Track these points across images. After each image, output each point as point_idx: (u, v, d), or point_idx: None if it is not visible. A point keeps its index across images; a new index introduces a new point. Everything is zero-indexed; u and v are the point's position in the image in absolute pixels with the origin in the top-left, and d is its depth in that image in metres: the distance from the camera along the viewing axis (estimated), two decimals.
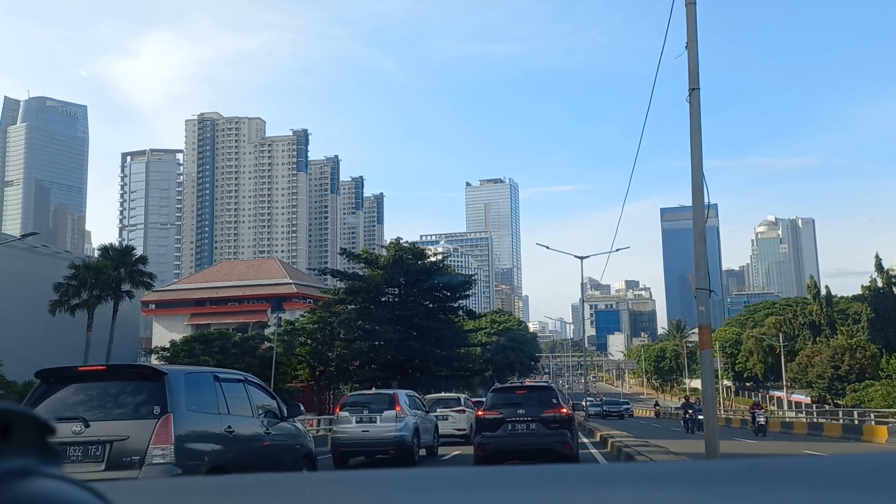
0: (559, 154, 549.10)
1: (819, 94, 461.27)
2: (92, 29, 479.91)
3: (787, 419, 46.05)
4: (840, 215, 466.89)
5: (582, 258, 33.67)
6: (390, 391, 19.46)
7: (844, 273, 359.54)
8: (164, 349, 43.67)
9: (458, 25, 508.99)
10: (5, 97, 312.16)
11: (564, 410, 14.64)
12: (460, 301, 51.25)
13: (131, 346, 58.08)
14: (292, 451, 9.42)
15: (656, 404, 75.93)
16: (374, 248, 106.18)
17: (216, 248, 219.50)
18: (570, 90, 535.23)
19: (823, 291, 72.32)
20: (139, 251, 47.70)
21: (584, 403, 43.51)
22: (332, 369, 49.20)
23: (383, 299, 48.60)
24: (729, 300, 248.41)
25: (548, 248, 40.22)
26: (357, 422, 17.61)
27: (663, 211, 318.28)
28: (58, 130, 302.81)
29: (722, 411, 62.80)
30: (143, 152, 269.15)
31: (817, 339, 66.22)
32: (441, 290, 48.82)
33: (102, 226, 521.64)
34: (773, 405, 71.52)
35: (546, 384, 19.87)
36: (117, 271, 40.72)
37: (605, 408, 62.47)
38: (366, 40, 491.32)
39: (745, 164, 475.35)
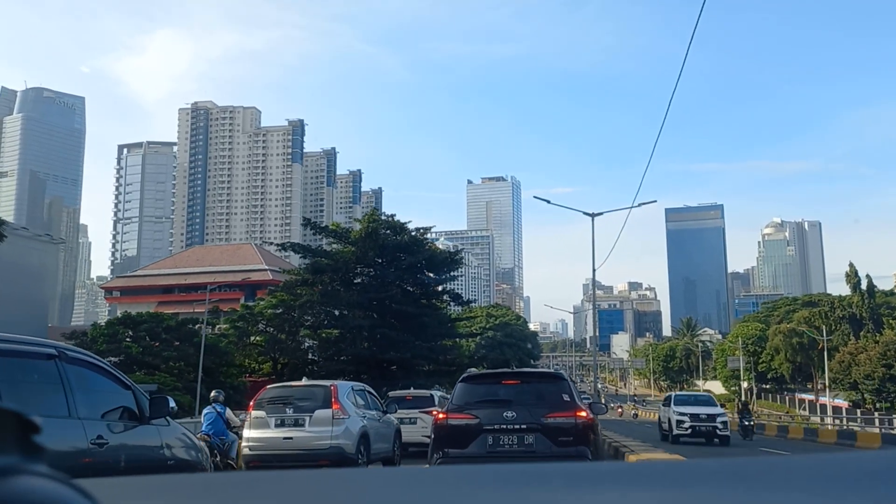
0: (561, 153, 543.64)
1: (819, 98, 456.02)
2: (95, 23, 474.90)
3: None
4: (840, 220, 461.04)
5: (593, 215, 26.71)
6: (327, 382, 14.40)
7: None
8: (83, 334, 36.52)
9: (463, 23, 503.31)
10: (2, 87, 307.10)
11: (583, 414, 9.35)
12: (446, 284, 44.15)
13: (39, 330, 50.07)
14: (156, 469, 6.19)
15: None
16: None
17: (207, 239, 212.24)
18: (573, 89, 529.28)
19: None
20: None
21: (630, 408, 34.38)
22: (296, 361, 42.17)
23: (356, 281, 41.57)
24: (737, 301, 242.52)
25: (549, 202, 33.67)
26: (277, 425, 12.98)
27: (668, 211, 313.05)
28: (54, 122, 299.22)
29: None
30: (139, 145, 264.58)
31: (860, 334, 58.47)
32: (423, 269, 41.73)
33: (98, 219, 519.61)
34: (805, 410, 63.55)
35: (552, 371, 11.68)
36: None
37: None
38: (369, 38, 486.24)
39: (750, 166, 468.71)
